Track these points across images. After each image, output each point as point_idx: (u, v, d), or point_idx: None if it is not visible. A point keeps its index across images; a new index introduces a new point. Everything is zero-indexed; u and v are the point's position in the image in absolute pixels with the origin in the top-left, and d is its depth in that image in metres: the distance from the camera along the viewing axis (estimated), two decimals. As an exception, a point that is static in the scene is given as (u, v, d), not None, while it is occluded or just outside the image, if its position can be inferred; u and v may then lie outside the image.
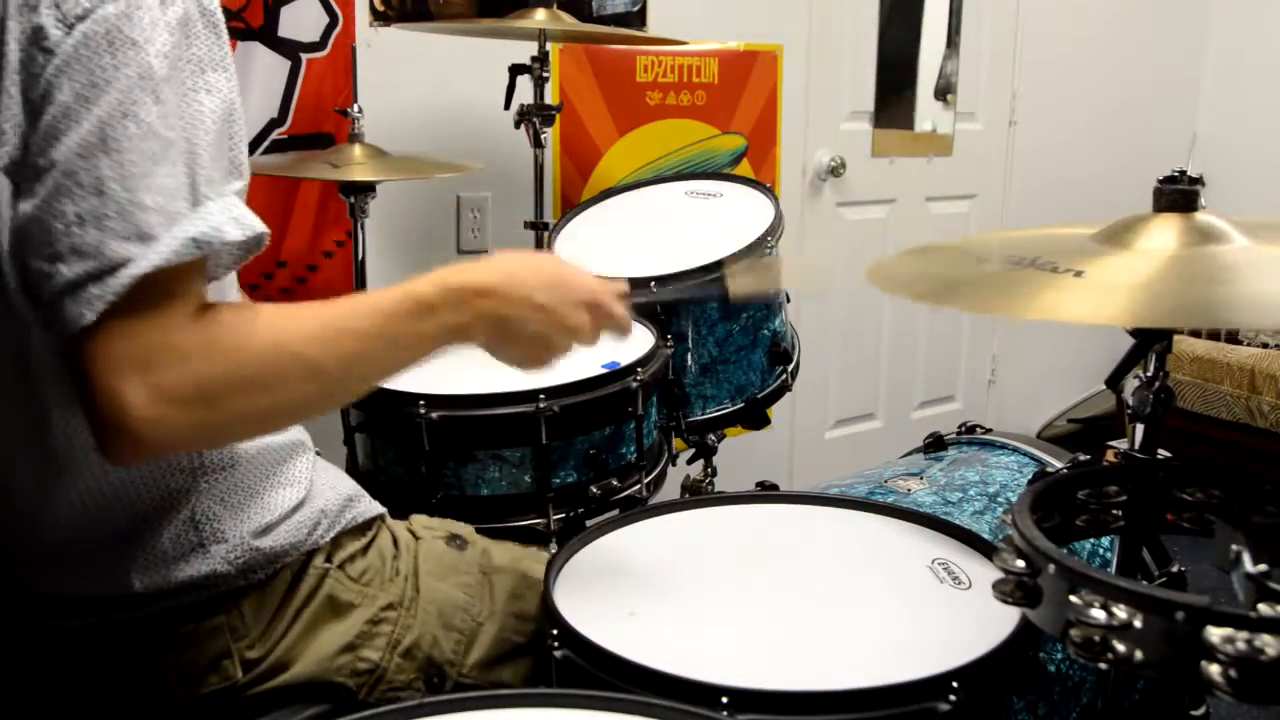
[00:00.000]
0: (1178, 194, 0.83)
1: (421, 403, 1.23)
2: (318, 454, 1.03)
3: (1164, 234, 0.82)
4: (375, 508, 1.06)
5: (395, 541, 1.06)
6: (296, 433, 1.01)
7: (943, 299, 0.83)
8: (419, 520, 1.12)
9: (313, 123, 2.02)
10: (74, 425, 0.83)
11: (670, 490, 1.59)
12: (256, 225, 0.77)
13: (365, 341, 0.82)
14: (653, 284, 1.52)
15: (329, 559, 0.99)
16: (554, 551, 1.00)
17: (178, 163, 0.73)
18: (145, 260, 0.71)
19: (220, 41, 0.78)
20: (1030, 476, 1.00)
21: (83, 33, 0.71)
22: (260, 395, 0.77)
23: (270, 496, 0.95)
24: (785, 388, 1.70)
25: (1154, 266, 0.80)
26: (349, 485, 1.05)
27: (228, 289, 0.91)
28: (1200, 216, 0.83)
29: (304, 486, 0.97)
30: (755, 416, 1.69)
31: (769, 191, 1.77)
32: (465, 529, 1.13)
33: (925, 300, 0.84)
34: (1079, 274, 0.78)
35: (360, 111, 1.83)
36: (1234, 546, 0.75)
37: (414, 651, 1.01)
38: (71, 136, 0.70)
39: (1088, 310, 0.77)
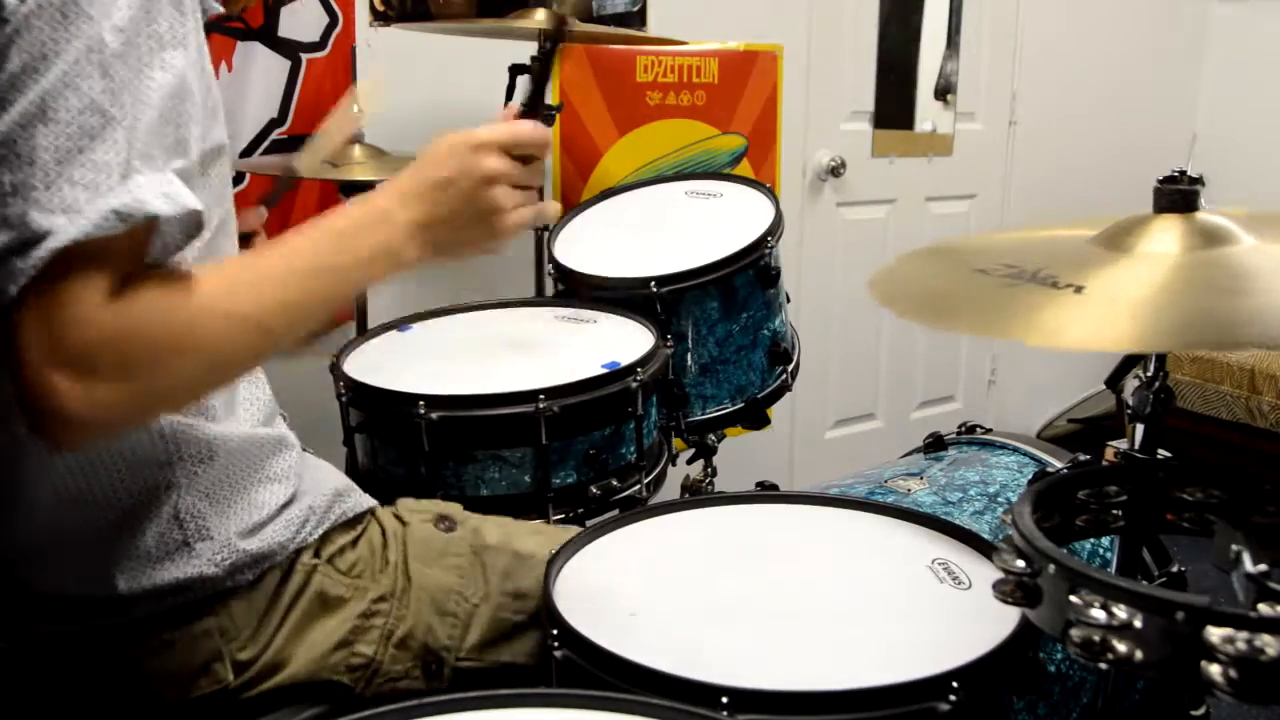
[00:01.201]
0: (1178, 194, 0.83)
1: (421, 403, 1.23)
2: (305, 450, 1.03)
3: (1166, 236, 0.81)
4: (365, 502, 1.05)
5: (383, 531, 1.05)
6: (280, 429, 1.00)
7: (942, 320, 0.83)
8: (405, 504, 1.11)
9: (313, 123, 2.02)
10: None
11: (670, 490, 1.59)
12: (189, 202, 0.75)
13: (284, 282, 0.82)
14: (653, 283, 1.52)
15: (316, 554, 0.98)
16: (554, 551, 1.00)
17: (119, 140, 0.71)
18: (64, 233, 0.69)
19: (184, 19, 0.76)
20: (1030, 476, 1.00)
21: (37, 2, 0.69)
22: (189, 361, 0.76)
23: (256, 493, 0.94)
24: (785, 388, 1.70)
25: (1158, 277, 0.78)
26: (337, 479, 1.04)
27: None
28: (1202, 216, 0.82)
29: (291, 484, 0.97)
30: (755, 416, 1.69)
31: (769, 191, 1.77)
32: (453, 508, 1.12)
33: (924, 321, 0.83)
34: (1079, 290, 0.77)
35: (360, 111, 1.83)
36: (1234, 546, 0.75)
37: (409, 642, 1.00)
38: (15, 108, 0.69)
39: (1089, 334, 0.75)
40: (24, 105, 0.69)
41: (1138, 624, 0.64)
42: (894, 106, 3.00)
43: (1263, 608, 0.63)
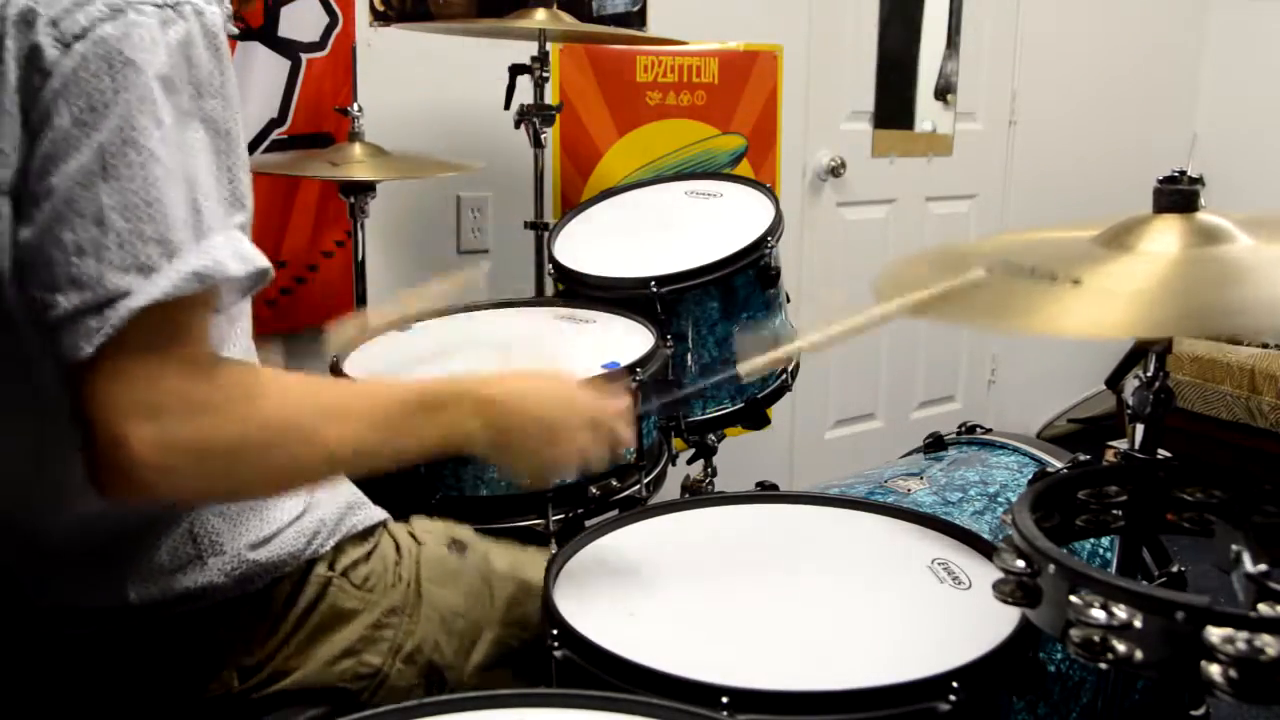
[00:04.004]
0: (1178, 194, 0.83)
1: (421, 403, 1.22)
2: None
3: (1166, 236, 0.82)
4: (376, 514, 1.05)
5: (397, 547, 1.05)
6: None
7: (941, 314, 0.83)
8: (420, 524, 1.11)
9: (312, 123, 2.02)
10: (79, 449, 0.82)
11: (670, 490, 1.59)
12: (259, 260, 0.75)
13: (366, 424, 0.83)
14: (653, 283, 1.52)
15: (331, 567, 0.98)
16: (554, 552, 1.00)
17: (179, 192, 0.71)
18: (144, 293, 0.68)
19: (221, 65, 0.75)
20: (1030, 476, 1.00)
21: (80, 54, 0.68)
22: (260, 459, 0.77)
23: (271, 510, 0.94)
24: (785, 388, 1.70)
25: (1156, 271, 0.79)
26: (349, 492, 1.04)
27: (239, 313, 0.90)
28: (1201, 216, 0.82)
29: (304, 499, 0.97)
30: (755, 416, 1.69)
31: (769, 191, 1.77)
32: (465, 531, 1.13)
33: (924, 315, 0.83)
34: (1077, 282, 0.77)
35: (360, 110, 1.83)
36: (1234, 546, 0.75)
37: (416, 656, 1.00)
38: (71, 163, 0.68)
39: (1088, 322, 0.75)
40: (82, 162, 0.68)
41: (1138, 624, 0.64)
42: (894, 106, 3.00)
43: (1263, 608, 0.63)
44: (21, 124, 0.70)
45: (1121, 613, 0.65)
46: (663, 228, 1.77)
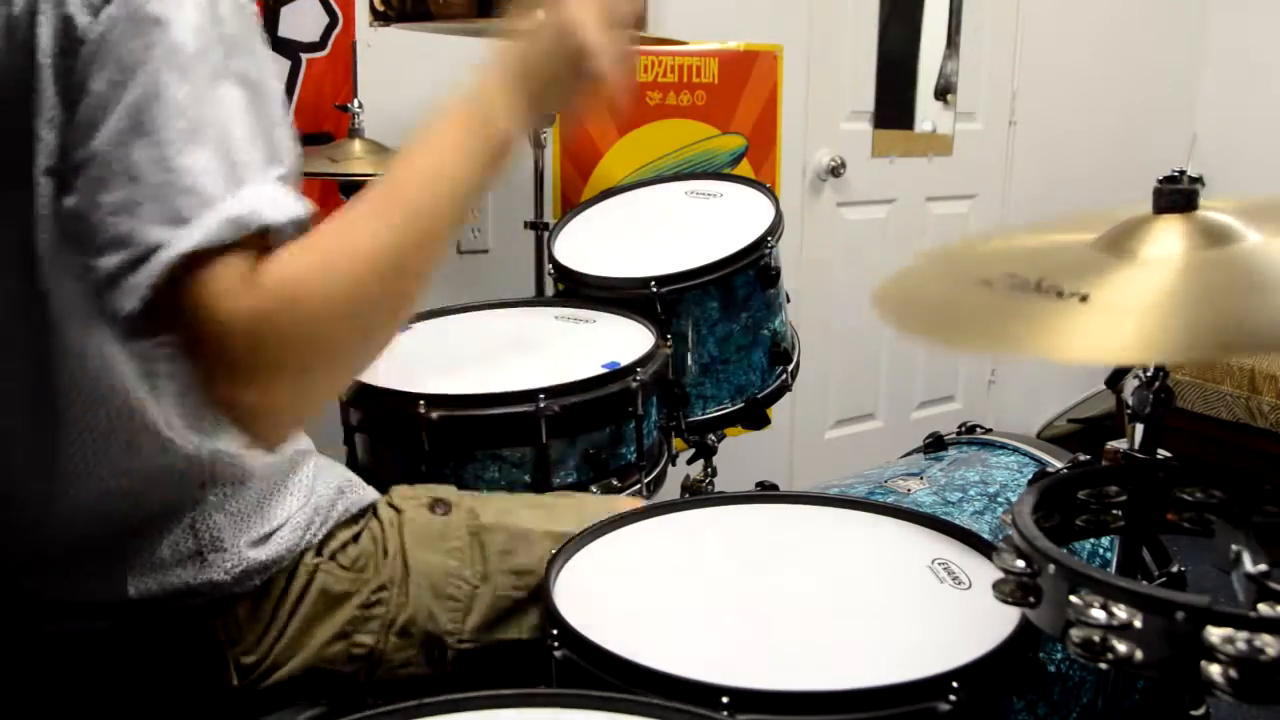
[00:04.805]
0: (1178, 194, 0.83)
1: (421, 403, 1.23)
2: (323, 452, 1.03)
3: (1168, 238, 0.80)
4: (368, 496, 1.04)
5: (380, 521, 1.04)
6: (304, 442, 1.00)
7: (950, 339, 0.82)
8: (399, 491, 1.10)
9: (312, 122, 2.02)
10: (92, 435, 0.82)
11: (670, 490, 1.59)
12: (297, 208, 0.74)
13: (414, 194, 0.80)
14: (653, 283, 1.52)
15: (319, 552, 0.98)
16: (554, 551, 1.00)
17: (209, 144, 0.70)
18: (180, 243, 0.68)
19: (247, 21, 0.75)
20: (1030, 476, 1.00)
21: (110, 16, 0.69)
22: (339, 301, 0.73)
23: (273, 507, 0.94)
24: (785, 388, 1.70)
25: (1163, 282, 0.76)
26: (339, 475, 1.04)
27: None
28: (1202, 215, 0.81)
29: (305, 493, 0.97)
30: (755, 416, 1.69)
31: (769, 191, 1.77)
32: (447, 490, 1.11)
33: (934, 341, 0.82)
34: (1084, 299, 0.74)
35: (360, 106, 1.83)
36: (1234, 546, 0.75)
37: (410, 629, 1.00)
38: (107, 126, 0.69)
39: (1096, 347, 0.72)
40: (116, 122, 0.69)
41: (1138, 624, 0.64)
42: (894, 106, 3.00)
43: (1263, 608, 0.63)
44: (58, 100, 0.71)
45: (1121, 613, 0.65)
46: (663, 228, 1.77)
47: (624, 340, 1.45)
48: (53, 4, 0.70)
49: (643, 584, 0.99)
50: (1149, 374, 0.86)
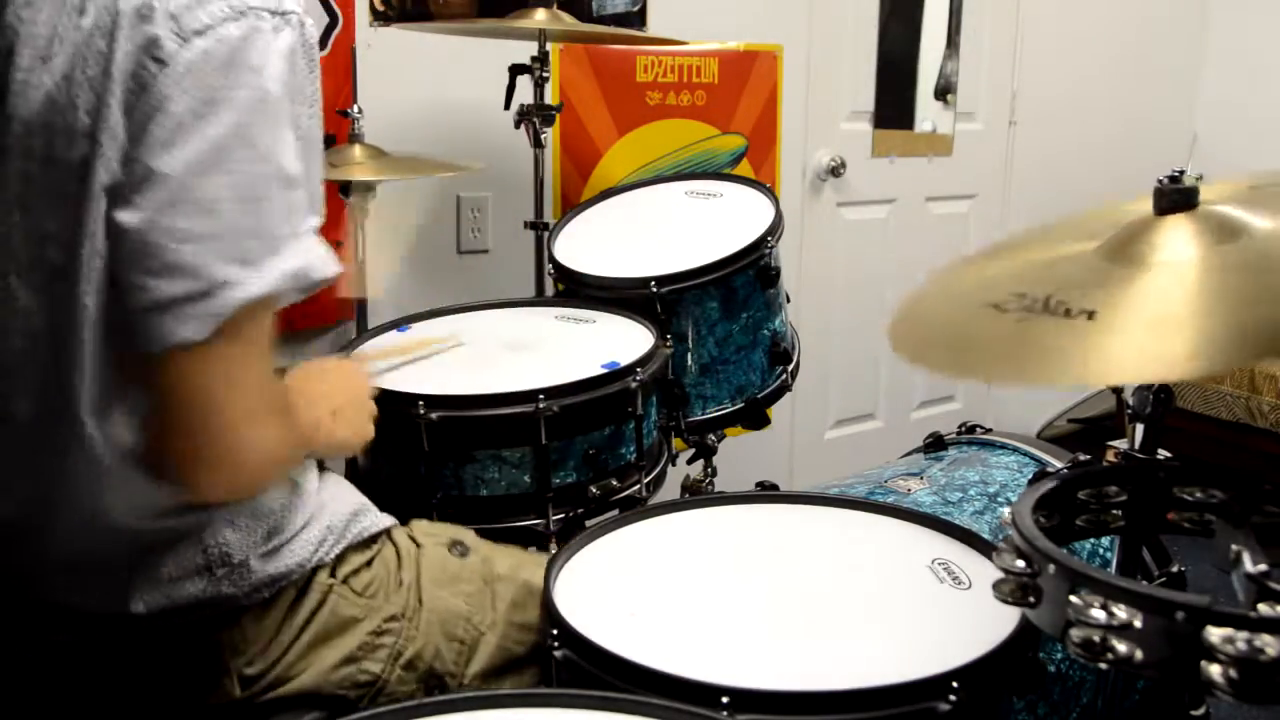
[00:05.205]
0: (1179, 194, 0.83)
1: (421, 403, 1.23)
2: (325, 469, 1.03)
3: (1177, 240, 0.77)
4: (382, 521, 1.05)
5: (398, 551, 1.05)
6: None
7: (966, 369, 0.82)
8: (420, 526, 1.11)
9: (312, 123, 2.02)
10: (108, 448, 0.82)
11: (670, 490, 1.59)
12: (334, 269, 0.79)
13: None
14: (653, 283, 1.52)
15: (333, 574, 0.98)
16: (554, 551, 1.00)
17: (280, 192, 0.74)
18: (251, 286, 0.71)
19: (314, 75, 0.79)
20: (1030, 476, 1.00)
21: (202, 48, 0.70)
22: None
23: (282, 521, 0.94)
24: (785, 388, 1.70)
25: (1179, 289, 0.73)
26: (355, 499, 1.04)
27: None
28: (1204, 211, 0.80)
29: (311, 507, 0.97)
30: (755, 416, 1.68)
31: (769, 191, 1.77)
32: (466, 534, 1.12)
33: (951, 372, 0.82)
34: (1090, 316, 0.72)
35: (360, 112, 1.83)
36: (1234, 546, 0.75)
37: (415, 663, 1.00)
38: (185, 150, 0.70)
39: (1116, 367, 0.70)
40: (196, 151, 0.70)
41: (1138, 624, 0.64)
42: (894, 106, 3.00)
43: (1263, 608, 0.63)
44: (124, 122, 0.72)
45: (1121, 613, 0.65)
46: (663, 228, 1.77)
47: (624, 340, 1.45)
48: (135, 20, 0.71)
49: (643, 584, 0.99)
50: (1149, 374, 0.86)
